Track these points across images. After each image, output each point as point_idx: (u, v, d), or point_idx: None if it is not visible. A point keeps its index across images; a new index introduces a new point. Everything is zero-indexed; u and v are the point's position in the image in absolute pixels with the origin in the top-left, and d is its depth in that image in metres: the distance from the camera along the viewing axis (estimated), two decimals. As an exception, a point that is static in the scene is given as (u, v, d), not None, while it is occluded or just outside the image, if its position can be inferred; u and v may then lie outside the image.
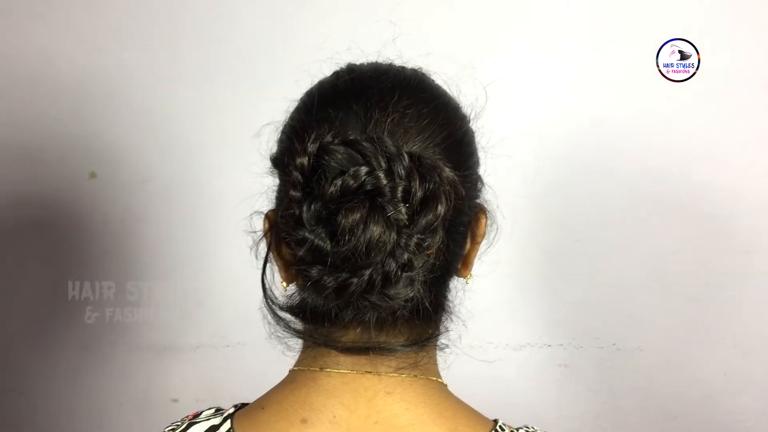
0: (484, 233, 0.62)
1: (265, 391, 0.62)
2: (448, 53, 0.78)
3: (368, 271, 0.51)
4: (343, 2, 1.21)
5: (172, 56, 1.23)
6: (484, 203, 0.63)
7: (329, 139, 0.52)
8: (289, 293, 0.59)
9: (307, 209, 0.52)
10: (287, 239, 0.54)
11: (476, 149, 0.62)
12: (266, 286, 0.59)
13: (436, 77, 0.62)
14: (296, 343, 0.61)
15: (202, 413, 0.64)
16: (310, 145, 0.52)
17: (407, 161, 0.51)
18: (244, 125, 0.79)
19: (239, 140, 0.89)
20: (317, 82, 0.62)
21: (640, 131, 1.21)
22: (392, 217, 0.51)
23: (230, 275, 1.19)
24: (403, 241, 0.51)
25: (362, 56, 0.64)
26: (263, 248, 0.60)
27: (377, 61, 0.63)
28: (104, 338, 1.27)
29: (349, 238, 0.50)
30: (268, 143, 0.62)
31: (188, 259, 1.27)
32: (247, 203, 0.64)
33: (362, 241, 0.50)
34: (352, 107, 0.56)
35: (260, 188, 0.63)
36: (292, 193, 0.52)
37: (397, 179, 0.51)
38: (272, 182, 0.61)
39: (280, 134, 0.61)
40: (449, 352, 0.62)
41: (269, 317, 0.58)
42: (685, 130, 1.20)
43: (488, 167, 0.63)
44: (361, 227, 0.50)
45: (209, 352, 1.27)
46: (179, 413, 0.68)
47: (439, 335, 0.60)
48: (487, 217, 0.62)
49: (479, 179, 0.62)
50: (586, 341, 1.25)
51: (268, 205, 0.62)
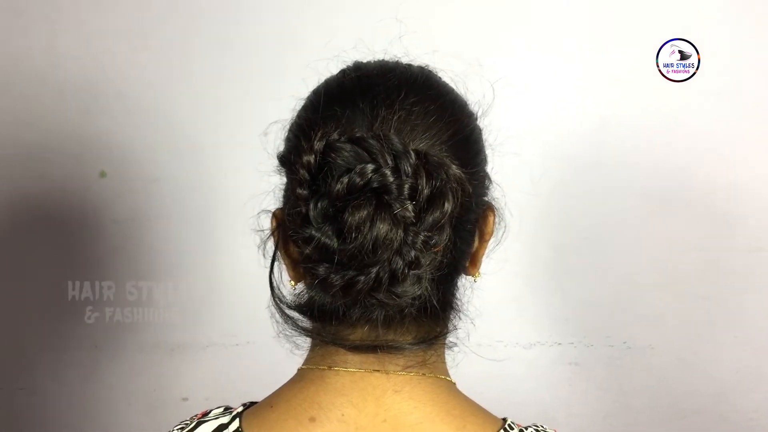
0: (492, 231, 0.62)
1: (274, 389, 0.62)
2: (454, 51, 0.78)
3: (375, 268, 0.51)
4: (349, 1, 1.21)
5: (180, 56, 1.24)
6: (492, 201, 0.62)
7: (336, 136, 0.52)
8: (296, 292, 0.59)
9: (313, 207, 0.52)
10: (294, 237, 0.54)
11: (484, 147, 0.61)
12: (274, 284, 0.59)
13: (442, 75, 0.62)
14: (305, 341, 0.61)
15: (210, 412, 0.64)
16: (316, 143, 0.52)
17: (414, 158, 0.51)
18: (252, 124, 0.79)
19: (248, 139, 0.89)
20: (324, 80, 0.62)
21: (647, 130, 1.20)
22: (399, 214, 0.50)
23: (240, 274, 1.19)
24: (410, 238, 0.51)
25: (369, 54, 0.64)
26: (271, 247, 0.60)
27: (384, 59, 0.63)
28: (115, 337, 1.27)
29: (355, 235, 0.50)
30: (275, 142, 0.62)
31: (198, 258, 1.27)
32: (255, 202, 0.64)
33: (369, 238, 0.50)
34: (358, 105, 0.56)
35: (268, 187, 0.63)
36: (298, 191, 0.52)
37: (403, 176, 0.51)
38: (280, 181, 0.61)
39: (287, 133, 0.61)
40: (458, 350, 0.62)
41: (277, 316, 0.58)
42: (692, 128, 1.20)
43: (496, 165, 0.63)
44: (367, 225, 0.50)
45: (219, 350, 1.27)
46: (189, 412, 0.68)
47: (447, 333, 0.60)
48: (495, 214, 0.62)
49: (487, 177, 0.61)
50: (596, 339, 1.24)
51: (275, 203, 0.62)
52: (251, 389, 0.68)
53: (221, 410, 0.64)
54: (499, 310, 1.19)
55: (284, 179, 0.60)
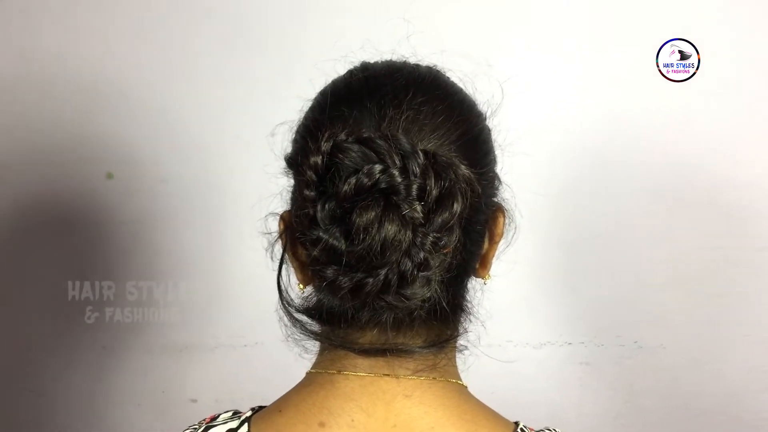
0: (502, 233, 0.61)
1: (283, 390, 0.61)
2: (462, 50, 0.77)
3: (384, 270, 0.50)
4: (356, 1, 1.21)
5: (186, 56, 1.24)
6: (501, 202, 0.62)
7: (343, 137, 0.52)
8: (305, 295, 0.59)
9: (321, 208, 0.51)
10: (302, 239, 0.54)
11: (493, 147, 0.61)
12: (282, 287, 0.58)
13: (450, 74, 0.62)
14: (313, 345, 0.60)
15: (219, 416, 0.64)
16: (323, 143, 0.52)
17: (422, 159, 0.51)
18: (258, 125, 0.79)
19: (254, 139, 0.89)
20: (331, 80, 0.61)
21: (657, 128, 1.19)
22: (407, 215, 0.50)
23: (248, 275, 1.19)
24: (418, 239, 0.50)
25: (376, 54, 0.63)
26: (279, 250, 0.60)
27: (391, 59, 0.62)
28: (122, 339, 1.27)
29: (363, 237, 0.50)
30: (282, 143, 0.61)
31: (206, 258, 1.27)
32: (263, 203, 0.63)
33: (377, 240, 0.49)
34: (366, 105, 0.55)
35: (276, 188, 0.62)
36: (306, 192, 0.52)
37: (411, 177, 0.50)
38: (287, 182, 0.61)
39: (294, 134, 0.60)
40: (468, 353, 0.61)
41: (285, 319, 0.58)
42: (702, 126, 1.19)
43: (505, 165, 0.62)
44: (375, 226, 0.50)
45: (228, 352, 1.27)
46: (198, 413, 0.68)
47: (457, 336, 0.60)
48: (505, 216, 0.61)
49: (496, 177, 0.61)
50: (607, 339, 1.23)
51: (283, 205, 0.62)
52: (260, 390, 0.68)
53: (230, 414, 0.63)
54: (508, 310, 1.18)
55: (292, 181, 0.60)
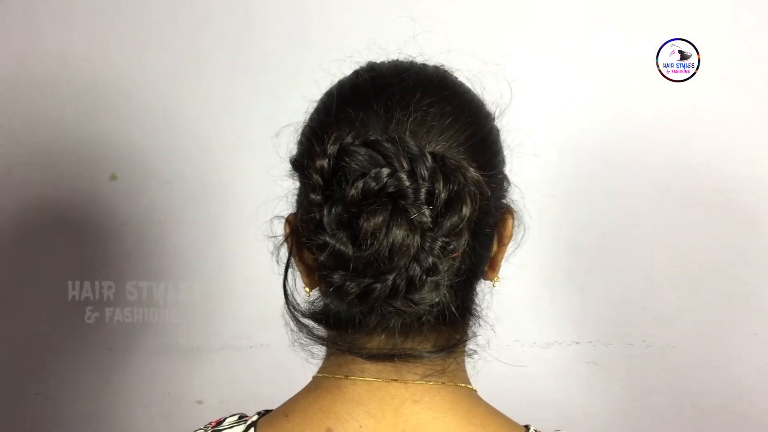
0: (511, 234, 0.60)
1: (290, 392, 0.61)
2: (470, 49, 0.76)
3: (392, 276, 0.50)
4: (362, 0, 1.20)
5: (190, 57, 1.23)
6: (510, 203, 0.61)
7: (349, 140, 0.51)
8: (311, 299, 0.58)
9: (327, 213, 0.50)
10: (308, 244, 0.53)
11: (501, 148, 0.60)
12: (288, 292, 0.58)
13: (458, 74, 0.61)
14: (320, 350, 0.60)
15: (225, 420, 0.63)
16: (329, 146, 0.51)
17: (430, 162, 0.50)
18: (263, 126, 0.79)
19: (259, 141, 0.88)
20: (337, 81, 0.60)
21: (664, 127, 1.19)
22: (415, 219, 0.49)
23: (253, 276, 1.18)
24: (427, 244, 0.50)
25: (382, 54, 0.62)
26: (284, 253, 0.59)
27: (398, 59, 0.62)
28: (128, 340, 1.27)
29: (371, 242, 0.49)
30: (288, 145, 0.61)
31: (211, 259, 1.27)
32: (269, 205, 0.63)
33: (385, 245, 0.49)
34: (372, 107, 0.54)
35: (281, 191, 0.62)
36: (312, 196, 0.51)
37: (420, 181, 0.50)
38: (293, 184, 0.60)
39: (299, 136, 0.60)
40: (477, 357, 0.60)
41: (292, 324, 0.57)
42: (702, 125, 1.18)
43: (514, 166, 0.62)
44: (383, 231, 0.49)
45: (233, 353, 1.27)
46: (204, 415, 0.67)
47: (467, 340, 0.59)
48: (514, 217, 0.60)
49: (505, 179, 0.60)
50: (615, 338, 1.23)
51: (288, 208, 0.61)
52: (266, 392, 0.67)
53: (236, 418, 0.63)
54: (515, 310, 1.18)
55: (297, 184, 0.59)
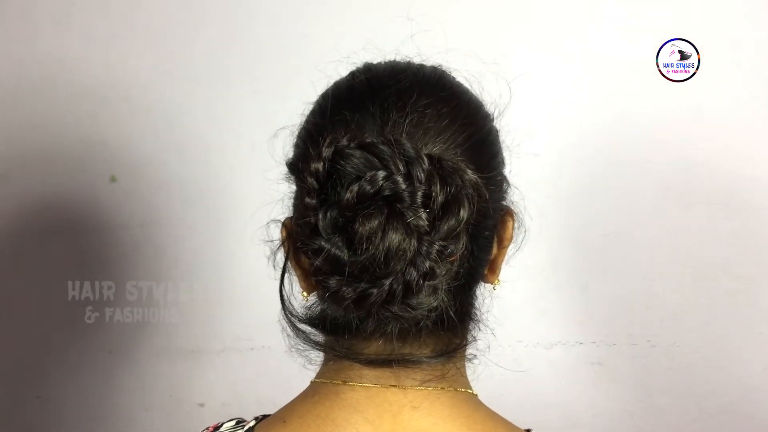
0: (511, 237, 0.60)
1: (291, 395, 0.60)
2: (469, 49, 0.76)
3: (388, 280, 0.49)
4: (358, 0, 1.20)
5: (188, 59, 1.23)
6: (510, 205, 0.60)
7: (345, 142, 0.50)
8: (308, 304, 0.57)
9: (323, 217, 0.50)
10: (304, 248, 0.52)
11: (501, 149, 0.59)
12: (285, 297, 0.57)
13: (456, 74, 0.60)
14: (317, 355, 0.59)
15: (222, 425, 0.63)
16: (324, 149, 0.50)
17: (427, 164, 0.49)
18: (259, 127, 0.78)
19: (256, 142, 0.88)
20: (333, 83, 0.60)
21: (665, 127, 1.18)
22: (412, 223, 0.48)
23: (253, 277, 1.18)
24: (424, 248, 0.49)
25: (379, 55, 0.62)
26: (281, 257, 0.58)
27: (395, 59, 0.61)
28: (129, 341, 1.27)
29: (367, 246, 0.48)
30: (284, 148, 0.60)
31: (211, 261, 1.27)
32: (265, 208, 0.62)
33: (381, 249, 0.48)
34: (368, 108, 0.53)
35: (278, 194, 0.61)
36: (307, 200, 0.50)
37: (416, 183, 0.49)
38: (289, 188, 0.59)
39: (295, 138, 0.59)
40: (477, 362, 0.59)
41: (289, 329, 0.56)
42: (709, 124, 1.18)
43: (513, 167, 0.61)
44: (379, 235, 0.48)
45: (234, 355, 1.26)
46: (205, 418, 0.67)
47: (466, 345, 0.58)
48: (514, 219, 0.60)
49: (504, 180, 0.59)
50: (619, 338, 1.22)
51: (285, 211, 0.60)
52: (267, 394, 0.67)
53: (233, 423, 0.62)
54: (519, 310, 1.18)
55: (293, 187, 0.58)
